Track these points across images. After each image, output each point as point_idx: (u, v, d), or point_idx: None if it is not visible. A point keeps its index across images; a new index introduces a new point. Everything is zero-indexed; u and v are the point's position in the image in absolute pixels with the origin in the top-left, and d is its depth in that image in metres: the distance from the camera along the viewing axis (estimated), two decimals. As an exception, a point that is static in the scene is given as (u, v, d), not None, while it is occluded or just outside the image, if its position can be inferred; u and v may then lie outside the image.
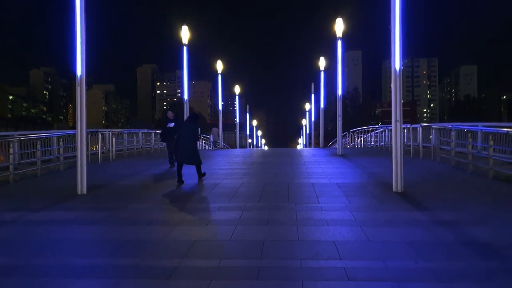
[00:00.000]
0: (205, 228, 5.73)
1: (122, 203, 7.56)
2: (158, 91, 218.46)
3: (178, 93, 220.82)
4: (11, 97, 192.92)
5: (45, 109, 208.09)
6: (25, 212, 6.94)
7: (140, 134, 22.51)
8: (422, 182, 9.34)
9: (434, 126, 14.31)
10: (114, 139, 16.80)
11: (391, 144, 16.64)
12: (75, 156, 14.55)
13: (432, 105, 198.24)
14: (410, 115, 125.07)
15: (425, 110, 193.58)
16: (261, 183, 9.47)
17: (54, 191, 8.99)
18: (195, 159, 9.64)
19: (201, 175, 10.00)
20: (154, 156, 18.08)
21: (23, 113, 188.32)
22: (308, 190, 8.48)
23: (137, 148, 20.80)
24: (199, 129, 10.04)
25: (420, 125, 14.85)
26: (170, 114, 12.51)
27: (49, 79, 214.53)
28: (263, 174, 11.13)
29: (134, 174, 11.56)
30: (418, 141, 15.63)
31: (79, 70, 8.90)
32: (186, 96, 18.29)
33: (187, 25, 18.00)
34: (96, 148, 18.35)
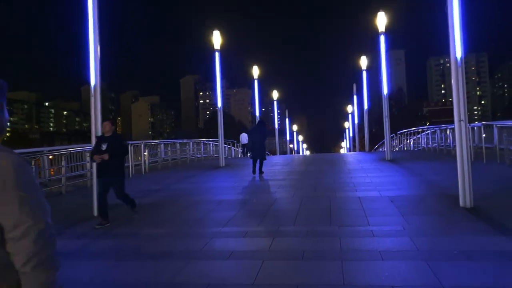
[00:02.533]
0: (224, 264, 4.58)
1: (137, 227, 6.60)
2: (201, 101, 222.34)
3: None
4: (65, 112, 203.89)
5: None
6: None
7: (177, 144, 21.94)
8: (495, 193, 7.70)
9: (498, 125, 12.40)
10: (147, 150, 16.17)
11: (448, 147, 14.87)
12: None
13: (483, 102, 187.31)
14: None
15: (475, 108, 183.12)
16: (298, 197, 8.22)
17: (71, 212, 8.22)
18: (264, 156, 12.38)
19: (261, 170, 12.28)
20: (189, 167, 17.29)
21: (76, 127, 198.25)
22: (355, 206, 7.12)
23: (173, 159, 20.20)
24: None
25: (482, 124, 12.99)
26: (107, 125, 7.17)
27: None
28: (301, 186, 9.86)
29: (160, 189, 10.67)
30: (475, 142, 13.80)
31: (93, 78, 8.13)
32: (219, 103, 17.31)
33: (222, 31, 17.01)
34: (138, 159, 17.93)
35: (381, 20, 15.26)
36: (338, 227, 5.80)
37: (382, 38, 15.35)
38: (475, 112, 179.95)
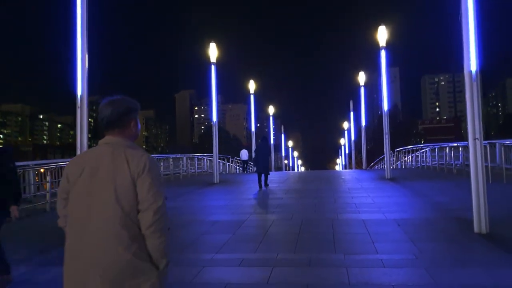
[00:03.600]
0: (217, 300, 3.99)
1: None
2: (196, 116, 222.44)
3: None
4: (59, 125, 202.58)
5: (90, 136, 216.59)
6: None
7: (171, 159, 21.40)
8: (509, 216, 7.18)
9: (506, 143, 12.00)
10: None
11: (449, 165, 14.35)
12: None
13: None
14: (455, 131, 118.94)
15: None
16: (298, 220, 7.65)
17: (47, 234, 7.55)
18: (268, 170, 13.26)
19: (266, 183, 13.23)
20: (182, 183, 16.65)
21: (70, 140, 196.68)
22: (359, 230, 6.56)
23: (165, 175, 19.63)
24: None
25: (487, 142, 12.56)
26: None
27: (94, 107, 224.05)
28: (299, 207, 9.30)
29: (151, 207, 10.05)
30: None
31: (80, 89, 7.59)
32: (215, 118, 16.82)
33: (219, 44, 16.76)
34: None
35: (382, 35, 14.97)
36: (343, 255, 5.23)
37: (383, 53, 15.03)
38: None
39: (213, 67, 16.39)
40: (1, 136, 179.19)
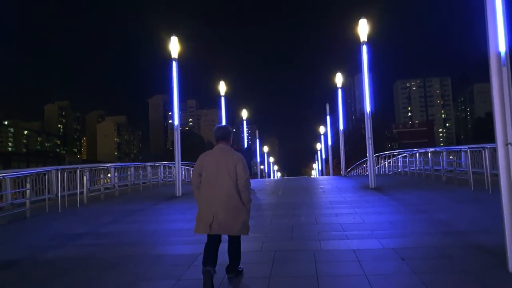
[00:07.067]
0: None
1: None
2: (170, 121, 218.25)
3: (190, 122, 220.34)
4: (25, 132, 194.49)
5: (59, 142, 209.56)
6: None
7: (132, 169, 19.31)
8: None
9: None
10: (85, 177, 13.40)
11: (436, 172, 12.60)
12: (46, 200, 11.37)
13: (447, 124, 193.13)
14: (428, 135, 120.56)
15: (440, 130, 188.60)
16: (269, 252, 5.81)
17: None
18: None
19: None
20: (139, 197, 14.59)
21: (37, 147, 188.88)
22: (352, 271, 4.78)
23: (123, 186, 17.55)
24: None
25: (484, 146, 11.11)
26: None
27: (63, 113, 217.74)
28: (272, 230, 7.47)
29: (84, 234, 7.99)
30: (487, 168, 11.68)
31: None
32: (176, 121, 14.89)
33: (179, 37, 14.83)
34: (100, 183, 15.43)
35: (363, 28, 13.43)
36: (335, 323, 3.43)
37: (364, 49, 13.49)
38: (440, 134, 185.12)
39: (174, 63, 14.49)
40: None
